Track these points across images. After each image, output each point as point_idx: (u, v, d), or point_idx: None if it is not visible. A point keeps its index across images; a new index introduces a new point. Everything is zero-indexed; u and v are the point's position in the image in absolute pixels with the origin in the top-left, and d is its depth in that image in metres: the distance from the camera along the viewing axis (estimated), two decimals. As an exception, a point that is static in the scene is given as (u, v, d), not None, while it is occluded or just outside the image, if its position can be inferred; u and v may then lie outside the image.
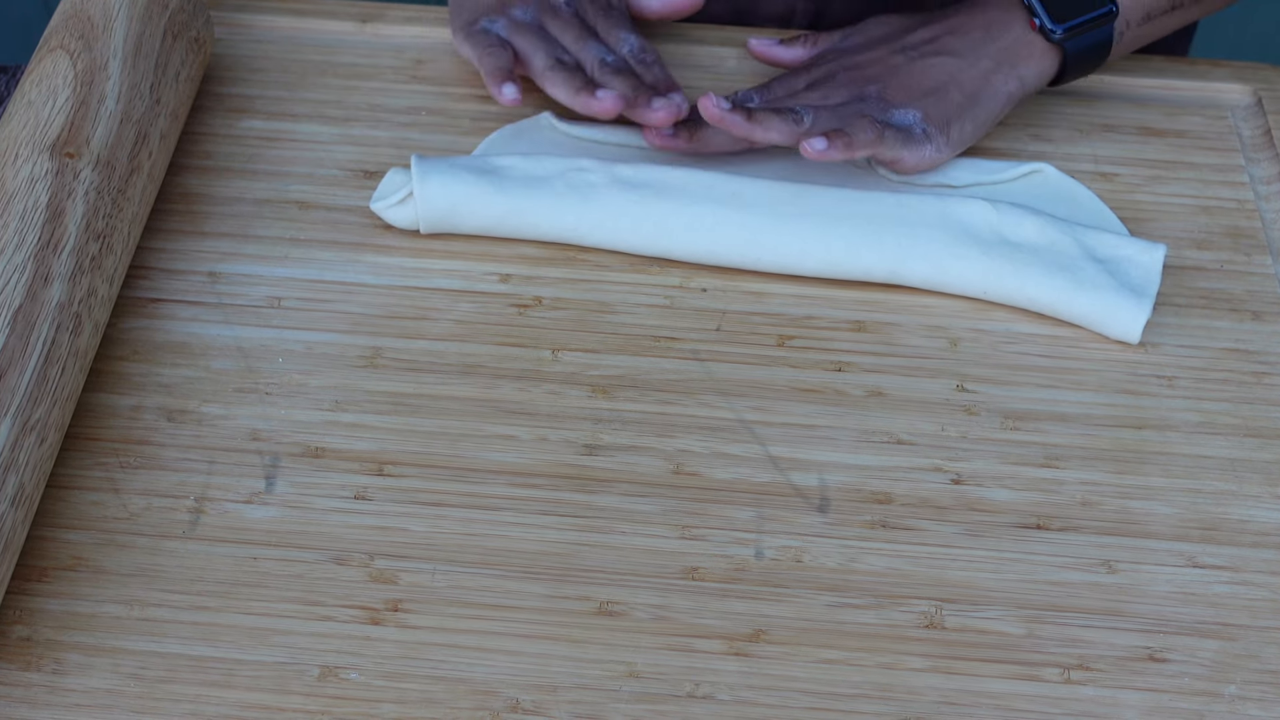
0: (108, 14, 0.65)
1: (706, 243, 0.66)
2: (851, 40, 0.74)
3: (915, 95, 0.70)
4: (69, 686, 0.52)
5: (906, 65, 0.71)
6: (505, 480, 0.59)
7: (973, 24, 0.72)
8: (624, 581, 0.56)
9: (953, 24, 0.72)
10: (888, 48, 0.72)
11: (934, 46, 0.71)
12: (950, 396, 0.63)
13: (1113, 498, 0.59)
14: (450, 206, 0.66)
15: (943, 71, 0.70)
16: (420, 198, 0.66)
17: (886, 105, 0.69)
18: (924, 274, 0.66)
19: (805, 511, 0.58)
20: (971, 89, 0.70)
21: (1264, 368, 0.64)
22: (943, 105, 0.69)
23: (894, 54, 0.71)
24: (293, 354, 0.63)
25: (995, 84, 0.70)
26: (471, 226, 0.67)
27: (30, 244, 0.57)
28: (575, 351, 0.64)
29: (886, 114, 0.69)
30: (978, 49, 0.71)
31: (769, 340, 0.65)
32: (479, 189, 0.66)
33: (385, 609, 0.55)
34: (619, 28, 0.73)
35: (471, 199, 0.66)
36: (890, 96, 0.69)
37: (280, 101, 0.74)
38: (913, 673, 0.54)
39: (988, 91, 0.70)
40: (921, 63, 0.71)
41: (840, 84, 0.70)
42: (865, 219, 0.66)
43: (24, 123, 0.61)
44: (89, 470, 0.58)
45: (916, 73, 0.70)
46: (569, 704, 0.52)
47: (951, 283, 0.66)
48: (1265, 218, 0.71)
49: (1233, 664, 0.54)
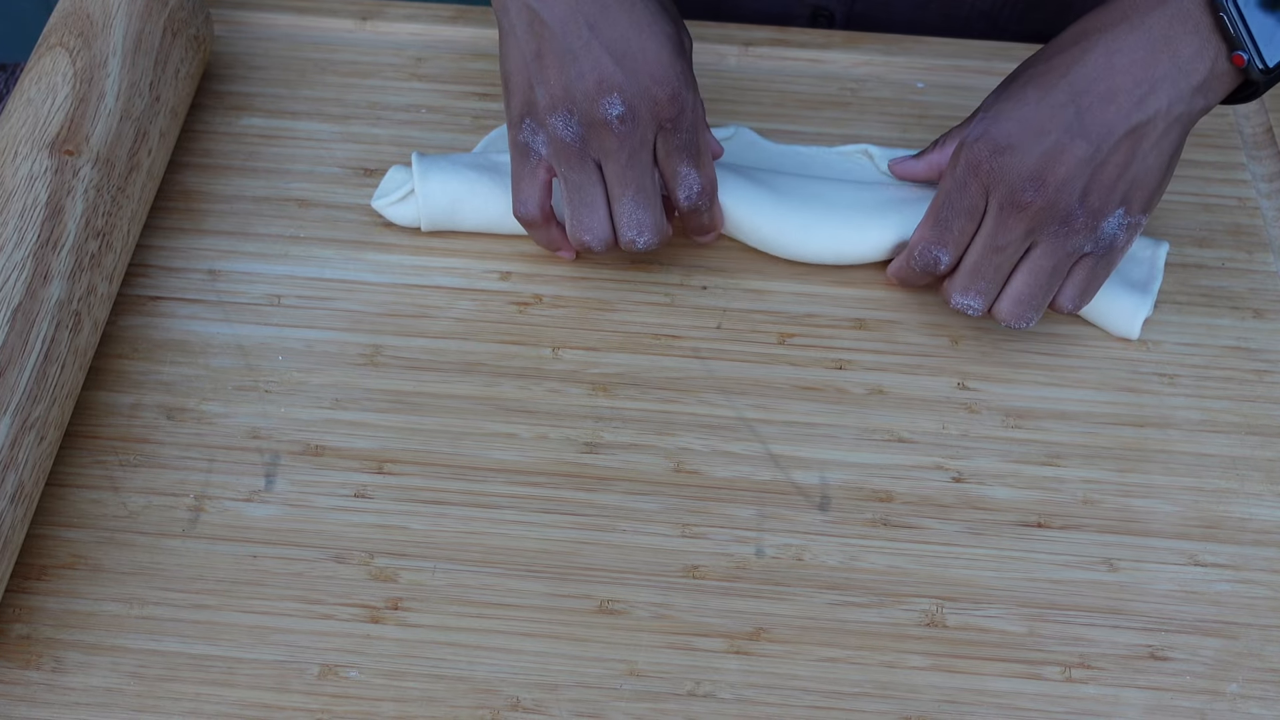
0: (107, 11, 0.65)
1: None
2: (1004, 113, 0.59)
3: (1117, 189, 0.58)
4: (68, 685, 0.52)
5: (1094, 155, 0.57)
6: (506, 478, 0.59)
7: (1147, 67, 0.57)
8: (625, 580, 0.56)
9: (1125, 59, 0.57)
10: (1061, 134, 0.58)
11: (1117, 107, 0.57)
12: (951, 394, 0.63)
13: (1114, 496, 0.59)
14: (451, 203, 0.66)
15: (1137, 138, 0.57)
16: (421, 195, 0.66)
17: (1092, 220, 0.58)
18: None
19: (806, 510, 0.58)
20: (1170, 148, 0.58)
21: (1265, 365, 0.64)
22: (1146, 184, 0.59)
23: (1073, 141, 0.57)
24: (292, 352, 0.63)
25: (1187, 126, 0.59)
26: (473, 224, 0.67)
27: (30, 241, 0.57)
28: (576, 349, 0.64)
29: (1095, 232, 0.59)
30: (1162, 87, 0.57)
31: (770, 338, 0.64)
32: (480, 186, 0.66)
33: (385, 607, 0.54)
34: (680, 160, 0.61)
35: (473, 196, 0.66)
36: (1095, 203, 0.58)
37: (280, 99, 0.74)
38: (914, 671, 0.54)
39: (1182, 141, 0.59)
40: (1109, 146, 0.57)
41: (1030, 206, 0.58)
42: (870, 205, 0.66)
43: (23, 120, 0.61)
44: (88, 468, 0.58)
45: (1109, 160, 0.58)
46: (570, 702, 0.52)
47: None
48: (1266, 215, 0.71)
49: (1234, 662, 0.54)
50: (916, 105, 0.75)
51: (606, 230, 0.62)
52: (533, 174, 0.62)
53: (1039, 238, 0.59)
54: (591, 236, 0.62)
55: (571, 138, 0.60)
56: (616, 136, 0.59)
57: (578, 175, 0.61)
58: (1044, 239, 0.59)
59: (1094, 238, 0.59)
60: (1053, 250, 0.59)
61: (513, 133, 0.62)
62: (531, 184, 0.62)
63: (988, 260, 0.60)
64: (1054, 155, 0.58)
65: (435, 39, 0.78)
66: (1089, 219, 0.59)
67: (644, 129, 0.59)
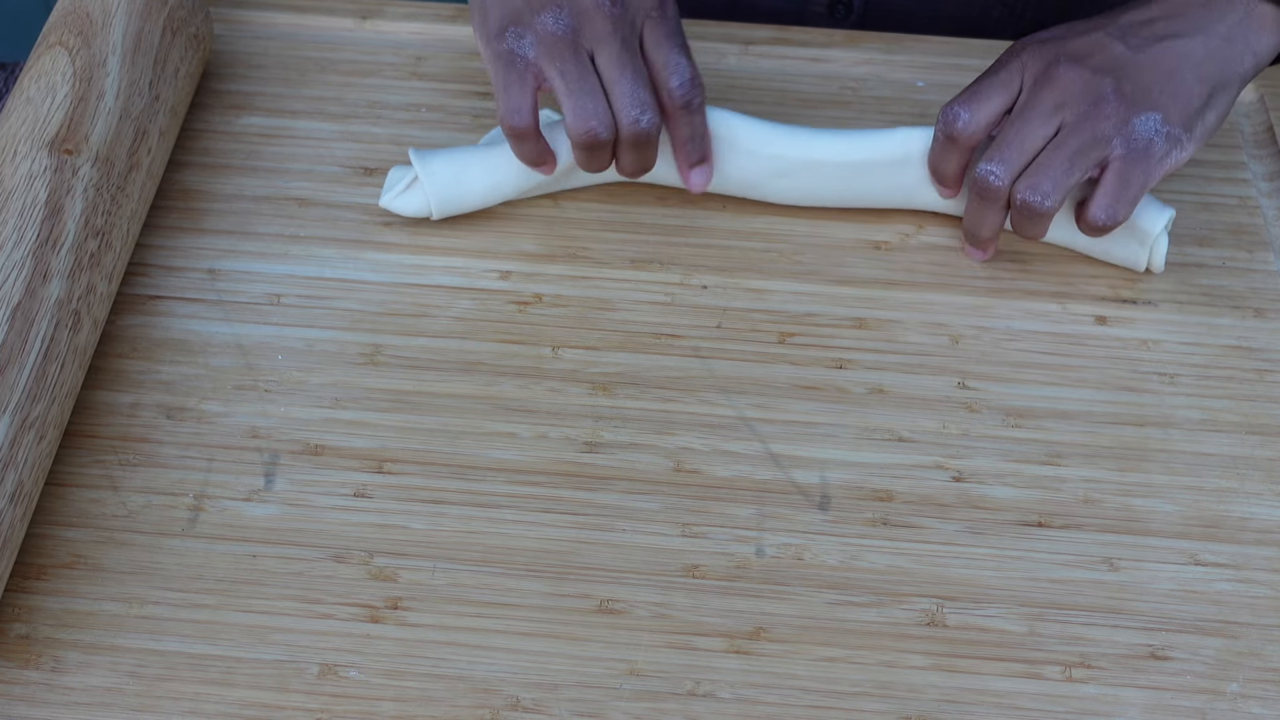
0: (106, 10, 0.65)
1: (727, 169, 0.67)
2: (1057, 29, 0.64)
3: (1151, 92, 0.61)
4: (67, 684, 0.52)
5: (1132, 56, 0.61)
6: (505, 478, 0.59)
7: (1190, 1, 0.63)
8: (624, 579, 0.56)
9: (1166, 6, 0.63)
10: (1104, 33, 0.62)
11: (1154, 31, 0.62)
12: (952, 394, 0.63)
13: (1114, 495, 0.59)
14: (456, 178, 0.66)
15: (1171, 58, 0.61)
16: (425, 176, 0.66)
17: (1125, 110, 0.60)
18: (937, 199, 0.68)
19: (806, 509, 0.58)
20: (1209, 75, 0.61)
21: (1266, 365, 0.64)
22: (1182, 99, 0.61)
23: (1114, 40, 0.62)
24: (292, 351, 0.63)
25: (1231, 66, 0.62)
26: (481, 192, 0.67)
27: (29, 241, 0.57)
28: (575, 349, 0.64)
29: (1127, 124, 0.60)
30: (1205, 28, 0.62)
31: (770, 337, 0.64)
32: (482, 156, 0.67)
33: (385, 607, 0.54)
34: (669, 47, 0.63)
35: (477, 165, 0.66)
36: (1125, 94, 0.60)
37: (279, 98, 0.74)
38: (914, 670, 0.53)
39: (1225, 76, 0.62)
40: (1147, 49, 0.61)
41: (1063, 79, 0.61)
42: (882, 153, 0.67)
43: (23, 119, 0.61)
44: (88, 468, 0.58)
45: (1145, 65, 0.61)
46: (569, 702, 0.52)
47: None
48: (1267, 214, 0.71)
49: (1235, 662, 0.54)
50: (917, 104, 0.75)
51: (609, 115, 0.62)
52: (521, 80, 0.62)
53: (1068, 117, 0.61)
54: (598, 122, 0.62)
55: (563, 30, 0.61)
56: (609, 19, 0.61)
57: (574, 66, 0.62)
58: (1073, 120, 0.60)
59: (1125, 133, 0.60)
60: (1080, 131, 0.60)
61: (492, 46, 0.63)
62: (521, 91, 0.62)
63: (1015, 130, 0.61)
64: (1095, 45, 0.62)
65: (435, 38, 0.78)
66: (1121, 106, 0.60)
67: (633, 13, 0.62)
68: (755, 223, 0.69)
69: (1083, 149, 0.61)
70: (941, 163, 0.65)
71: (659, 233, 0.69)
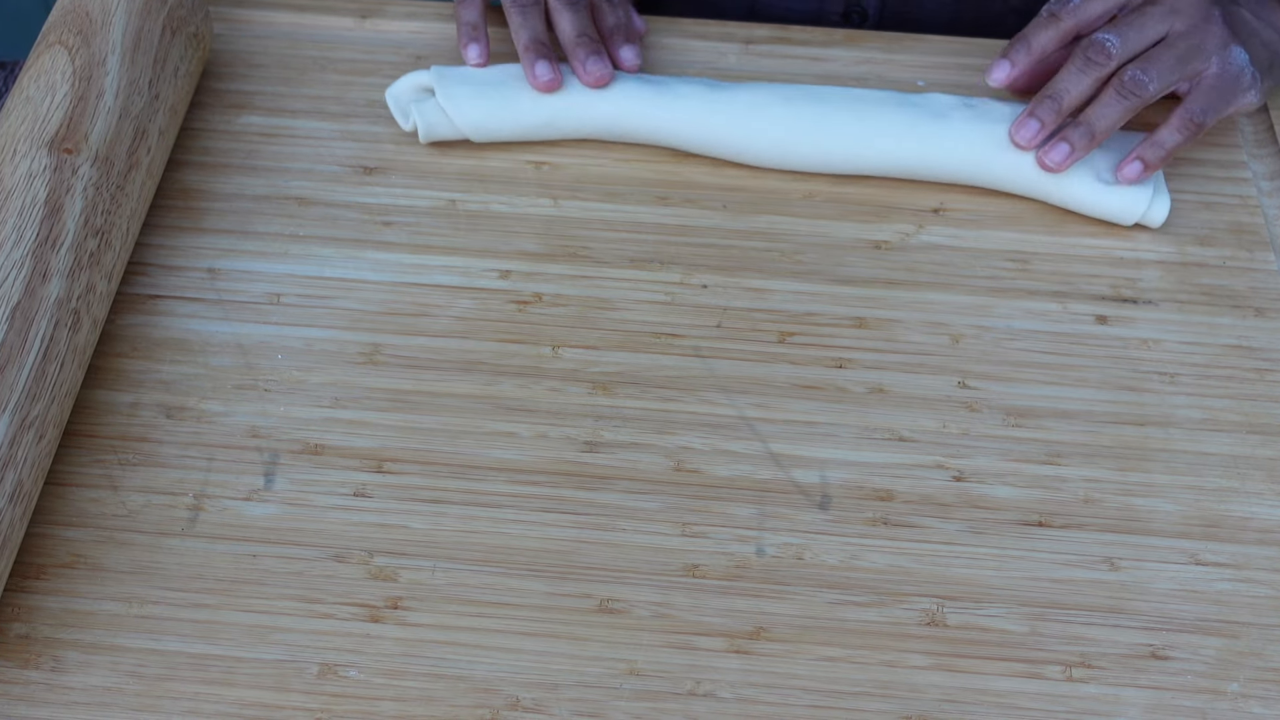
0: (106, 9, 0.65)
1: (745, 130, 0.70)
2: None
3: (1244, 29, 0.66)
4: (67, 684, 0.52)
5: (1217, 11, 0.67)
6: (505, 477, 0.59)
7: None
8: (625, 579, 0.56)
9: None
10: None
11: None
12: (952, 393, 0.62)
13: (1115, 495, 0.59)
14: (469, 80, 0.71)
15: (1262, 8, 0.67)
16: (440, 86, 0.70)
17: (1229, 35, 0.66)
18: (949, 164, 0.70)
19: (806, 509, 0.58)
20: (1264, 56, 0.67)
21: (1266, 364, 0.64)
22: (1265, 49, 0.67)
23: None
24: (292, 350, 0.63)
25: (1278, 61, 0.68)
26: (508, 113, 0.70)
27: (29, 240, 0.57)
28: (576, 348, 0.63)
29: (1227, 49, 0.66)
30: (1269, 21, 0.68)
31: (770, 337, 0.64)
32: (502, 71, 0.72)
33: (385, 606, 0.54)
34: None
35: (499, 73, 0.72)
36: (1232, 22, 0.66)
37: (279, 97, 0.74)
38: (915, 670, 0.53)
39: (1275, 65, 0.68)
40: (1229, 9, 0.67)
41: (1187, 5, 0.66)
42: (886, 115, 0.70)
43: (22, 118, 0.61)
44: (87, 467, 0.58)
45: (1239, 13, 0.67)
46: (569, 701, 0.52)
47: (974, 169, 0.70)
48: (1268, 214, 0.71)
49: (1236, 661, 0.54)
50: (917, 103, 0.75)
51: None
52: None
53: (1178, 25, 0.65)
54: None
55: None
56: None
57: None
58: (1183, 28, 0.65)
59: (1223, 55, 0.65)
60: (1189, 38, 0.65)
61: None
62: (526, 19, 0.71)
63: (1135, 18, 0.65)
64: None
65: (435, 37, 0.78)
66: (1225, 31, 0.65)
67: None
68: (755, 222, 0.69)
69: (1188, 55, 0.65)
70: (1035, 34, 0.67)
71: (659, 232, 0.69)
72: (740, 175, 0.71)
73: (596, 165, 0.71)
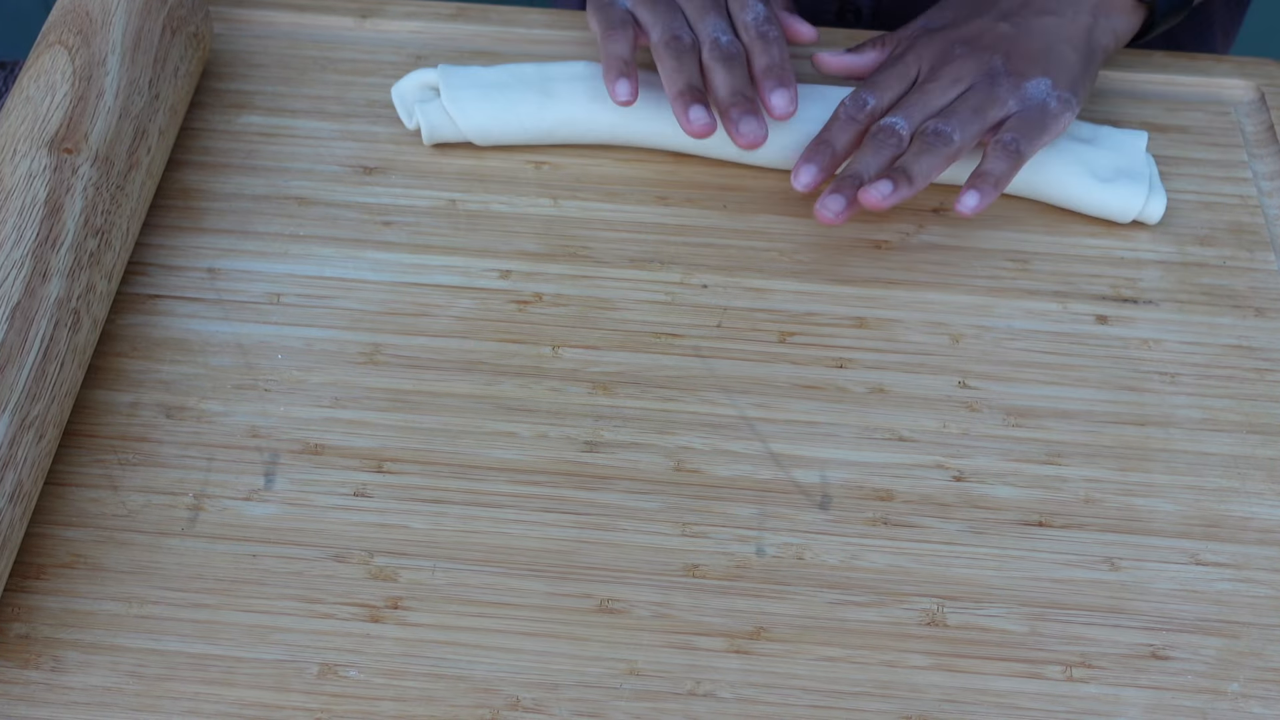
0: (106, 9, 0.65)
1: None
2: (941, 18, 0.71)
3: (1038, 62, 0.67)
4: (67, 684, 0.52)
5: (1015, 32, 0.68)
6: (506, 477, 0.59)
7: None
8: (625, 579, 0.56)
9: None
10: (987, 18, 0.69)
11: (1031, 9, 0.69)
12: (952, 393, 0.62)
13: (1115, 495, 0.59)
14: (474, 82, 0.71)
15: (1050, 33, 0.68)
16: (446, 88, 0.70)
17: (1017, 79, 0.66)
18: None
19: (807, 508, 0.58)
20: (1080, 45, 0.68)
21: (1267, 364, 0.64)
22: (1065, 67, 0.67)
23: (997, 22, 0.69)
24: (292, 350, 0.63)
25: (1096, 38, 0.69)
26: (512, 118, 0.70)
27: (29, 240, 0.57)
28: (576, 348, 0.63)
29: (1020, 89, 0.66)
30: (1074, 4, 0.69)
31: (770, 336, 0.64)
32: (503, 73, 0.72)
33: (385, 606, 0.54)
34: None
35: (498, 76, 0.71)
36: (1016, 67, 0.67)
37: (279, 97, 0.74)
38: (915, 670, 0.53)
39: (1092, 46, 0.69)
40: (1027, 26, 0.68)
41: (959, 59, 0.67)
42: None
43: (22, 118, 0.61)
44: (87, 467, 0.58)
45: (1027, 38, 0.68)
46: (570, 701, 0.52)
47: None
48: (1268, 214, 0.71)
49: (1236, 661, 0.54)
50: (917, 103, 0.75)
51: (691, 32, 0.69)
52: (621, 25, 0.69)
53: (967, 86, 0.67)
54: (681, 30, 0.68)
55: None
56: None
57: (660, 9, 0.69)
58: (973, 87, 0.67)
59: (1019, 96, 0.66)
60: (980, 92, 0.66)
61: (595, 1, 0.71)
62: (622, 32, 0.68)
63: (918, 95, 0.67)
64: (982, 28, 0.68)
65: (435, 36, 0.78)
66: (1013, 78, 0.66)
67: None
68: (755, 222, 0.69)
69: (984, 105, 0.66)
70: (836, 136, 0.67)
71: (659, 232, 0.69)
72: (740, 175, 0.71)
73: (596, 165, 0.71)
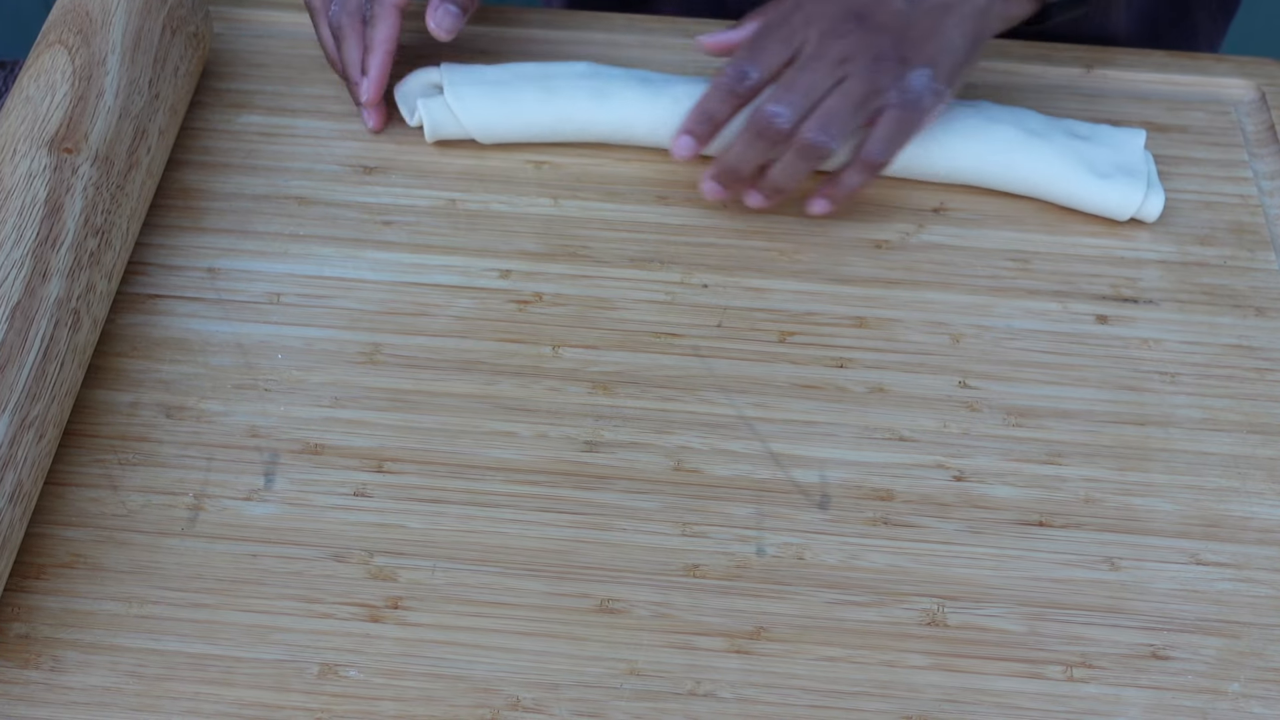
0: (106, 9, 0.65)
1: None
2: None
3: (925, 48, 0.66)
4: (67, 684, 0.52)
5: (909, 13, 0.66)
6: (505, 477, 0.59)
7: None
8: (624, 579, 0.56)
9: None
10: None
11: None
12: (952, 393, 0.62)
13: (1115, 494, 0.59)
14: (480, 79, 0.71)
15: (943, 16, 0.66)
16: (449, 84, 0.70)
17: (901, 66, 0.65)
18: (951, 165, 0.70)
19: (806, 508, 0.58)
20: (970, 30, 0.67)
21: (1267, 364, 0.64)
22: (950, 54, 0.66)
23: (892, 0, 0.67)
24: (292, 350, 0.63)
25: (988, 23, 0.68)
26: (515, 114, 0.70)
27: (29, 239, 0.57)
28: (575, 348, 0.63)
29: (903, 79, 0.65)
30: None
31: (770, 336, 0.64)
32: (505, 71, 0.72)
33: (385, 606, 0.54)
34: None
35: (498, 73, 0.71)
36: (902, 52, 0.65)
37: (279, 97, 0.74)
38: (914, 670, 0.53)
39: (981, 31, 0.67)
40: (922, 8, 0.66)
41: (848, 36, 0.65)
42: None
43: (22, 118, 0.61)
44: (87, 467, 0.58)
45: (921, 21, 0.66)
46: (569, 701, 0.52)
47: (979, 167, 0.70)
48: (1269, 213, 0.71)
49: (1236, 661, 0.54)
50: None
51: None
52: None
53: (850, 70, 0.64)
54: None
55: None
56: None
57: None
58: (855, 72, 0.64)
59: (900, 86, 0.65)
60: (862, 82, 0.64)
61: None
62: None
63: (802, 76, 0.64)
64: (875, 4, 0.66)
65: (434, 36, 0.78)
66: (898, 65, 0.65)
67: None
68: (755, 222, 0.69)
69: (865, 98, 0.65)
70: (717, 108, 0.66)
71: (659, 231, 0.68)
72: (740, 175, 0.71)
73: (596, 165, 0.71)
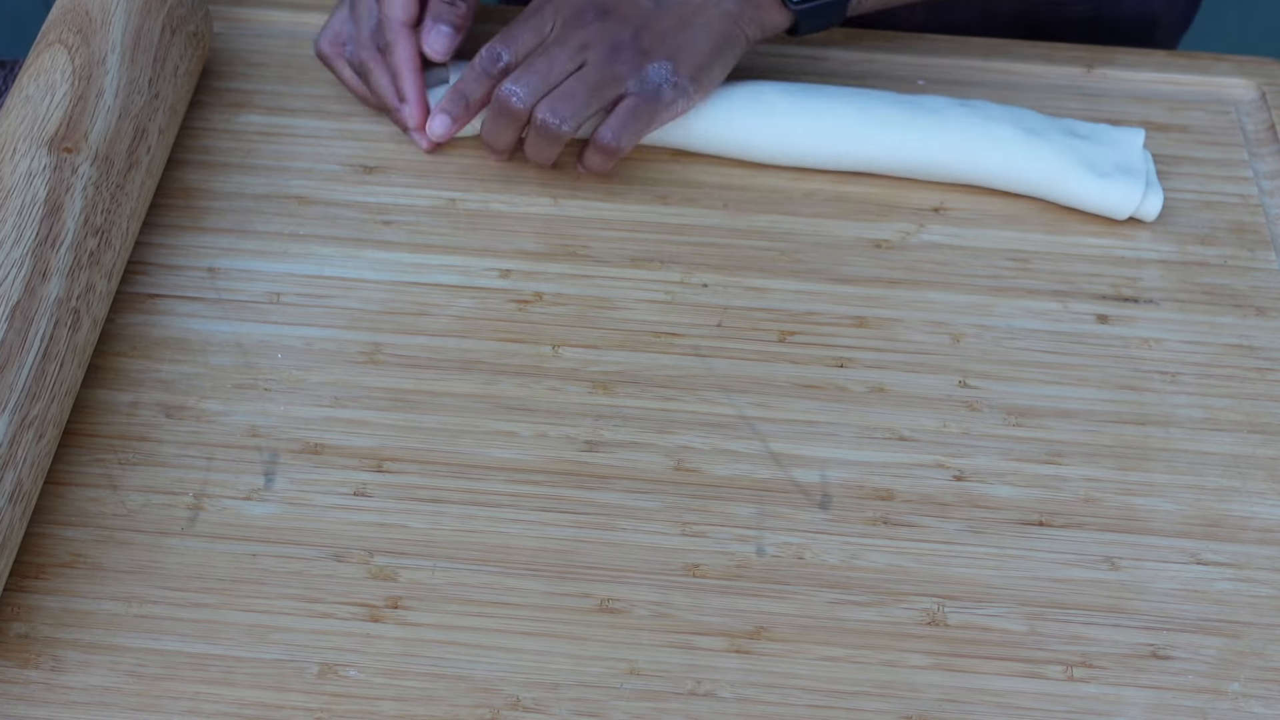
0: (106, 8, 0.65)
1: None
2: None
3: (665, 43, 0.67)
4: (67, 684, 0.52)
5: (654, 9, 0.67)
6: (505, 476, 0.59)
7: None
8: (625, 578, 0.56)
9: None
10: None
11: None
12: (952, 392, 0.62)
13: (1115, 494, 0.59)
14: None
15: (689, 14, 0.67)
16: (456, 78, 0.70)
17: (640, 57, 0.66)
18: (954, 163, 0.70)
19: (807, 508, 0.58)
20: (718, 31, 0.67)
21: (1267, 364, 0.64)
22: (692, 52, 0.67)
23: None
24: (292, 350, 0.63)
25: (741, 27, 0.68)
26: None
27: (28, 239, 0.57)
28: (576, 347, 0.63)
29: (642, 70, 0.66)
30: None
31: (770, 336, 0.64)
32: None
33: (385, 606, 0.54)
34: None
35: None
36: (642, 44, 0.66)
37: (279, 96, 0.74)
38: (915, 670, 0.53)
39: (730, 34, 0.68)
40: (666, 6, 0.67)
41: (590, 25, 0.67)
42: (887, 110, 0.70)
43: (22, 117, 0.61)
44: (87, 467, 0.58)
45: (664, 18, 0.67)
46: (570, 701, 0.52)
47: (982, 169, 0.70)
48: (1269, 213, 0.71)
49: (1236, 661, 0.54)
50: (918, 102, 0.75)
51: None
52: None
53: (589, 58, 0.66)
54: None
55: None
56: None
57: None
58: (593, 60, 0.66)
59: (639, 76, 0.66)
60: (599, 68, 0.66)
61: None
62: None
63: (542, 59, 0.66)
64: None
65: (435, 36, 0.78)
66: (637, 56, 0.66)
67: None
68: (756, 221, 0.69)
69: (601, 84, 0.66)
70: (470, 89, 0.68)
71: (659, 231, 0.68)
72: (740, 174, 0.71)
73: (597, 164, 0.71)
